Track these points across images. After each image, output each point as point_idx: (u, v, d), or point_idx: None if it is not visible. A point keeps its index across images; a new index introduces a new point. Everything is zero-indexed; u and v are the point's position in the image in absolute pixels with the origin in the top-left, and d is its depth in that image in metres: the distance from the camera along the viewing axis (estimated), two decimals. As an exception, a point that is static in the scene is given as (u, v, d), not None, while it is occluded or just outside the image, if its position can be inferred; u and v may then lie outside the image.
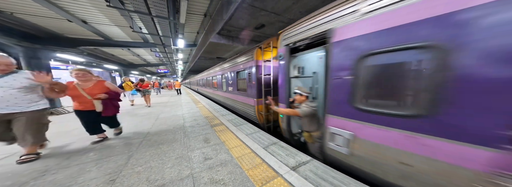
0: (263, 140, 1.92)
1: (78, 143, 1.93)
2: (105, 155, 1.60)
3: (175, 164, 1.40)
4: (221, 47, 6.66)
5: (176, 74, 24.26)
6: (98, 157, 1.57)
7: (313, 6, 3.13)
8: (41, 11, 3.13)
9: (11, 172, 1.32)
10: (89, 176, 1.25)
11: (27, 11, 3.14)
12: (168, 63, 12.05)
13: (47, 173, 1.30)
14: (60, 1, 2.80)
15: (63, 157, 1.59)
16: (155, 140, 2.00)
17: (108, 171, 1.31)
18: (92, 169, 1.35)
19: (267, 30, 4.58)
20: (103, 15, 3.47)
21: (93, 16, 3.53)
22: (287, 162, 1.39)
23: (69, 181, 1.18)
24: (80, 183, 1.16)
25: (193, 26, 4.94)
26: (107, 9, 3.10)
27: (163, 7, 2.64)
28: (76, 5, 2.94)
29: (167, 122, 2.99)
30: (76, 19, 3.52)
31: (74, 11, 3.26)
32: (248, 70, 3.06)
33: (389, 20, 0.93)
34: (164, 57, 9.24)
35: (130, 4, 2.70)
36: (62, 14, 3.11)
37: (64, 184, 1.15)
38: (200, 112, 3.92)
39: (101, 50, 7.60)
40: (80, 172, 1.30)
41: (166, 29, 3.82)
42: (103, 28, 4.36)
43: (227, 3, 3.20)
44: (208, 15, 4.04)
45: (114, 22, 3.92)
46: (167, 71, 17.25)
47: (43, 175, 1.27)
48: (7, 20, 3.35)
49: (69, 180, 1.19)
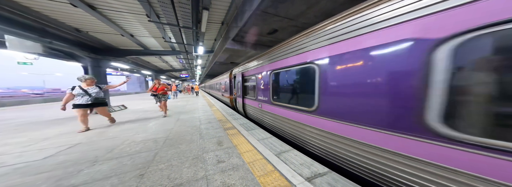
0: (275, 146, 1.88)
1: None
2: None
3: (192, 165, 1.49)
4: (235, 53, 6.98)
5: (195, 78, 26.31)
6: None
7: (329, 9, 3.04)
8: (105, 29, 4.08)
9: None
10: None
11: (96, 30, 4.13)
12: (189, 68, 13.22)
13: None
14: (117, 20, 3.62)
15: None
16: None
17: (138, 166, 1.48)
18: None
19: (279, 35, 4.62)
20: (144, 28, 4.23)
21: (138, 30, 4.36)
22: (301, 172, 1.31)
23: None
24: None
25: (211, 34, 5.38)
26: (148, 23, 3.80)
27: (188, 18, 3.01)
28: (127, 22, 3.74)
29: (184, 133, 2.94)
30: (126, 34, 4.41)
31: (126, 27, 4.12)
32: (225, 81, 7.11)
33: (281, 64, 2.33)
34: (186, 63, 10.22)
35: (164, 18, 3.26)
36: (118, 30, 3.97)
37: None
38: (214, 115, 4.11)
39: (140, 59, 9.10)
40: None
41: (189, 37, 4.28)
42: (143, 40, 5.28)
43: (241, 12, 3.40)
44: (225, 23, 4.35)
45: (151, 33, 4.69)
46: (187, 75, 18.91)
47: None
48: (84, 37, 4.49)
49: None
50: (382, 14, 1.07)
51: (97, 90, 2.90)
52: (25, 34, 3.31)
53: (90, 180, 1.27)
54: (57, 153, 1.83)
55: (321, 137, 1.61)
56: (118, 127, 3.01)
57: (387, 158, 1.09)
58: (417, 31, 0.91)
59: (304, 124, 1.84)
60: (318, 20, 3.49)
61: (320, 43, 1.55)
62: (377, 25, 1.10)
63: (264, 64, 2.82)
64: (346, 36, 1.32)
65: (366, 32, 1.17)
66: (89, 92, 2.78)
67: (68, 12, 3.11)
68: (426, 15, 0.87)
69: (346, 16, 1.33)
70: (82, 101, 2.72)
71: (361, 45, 1.21)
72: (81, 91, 2.71)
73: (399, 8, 0.98)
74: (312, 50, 1.66)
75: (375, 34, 1.11)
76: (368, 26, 1.15)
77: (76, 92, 2.69)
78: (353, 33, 1.26)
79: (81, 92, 2.71)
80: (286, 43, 2.12)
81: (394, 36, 1.01)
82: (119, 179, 1.28)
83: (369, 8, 1.15)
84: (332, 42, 1.45)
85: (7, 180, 1.29)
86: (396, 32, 1.00)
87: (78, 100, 2.72)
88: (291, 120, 2.10)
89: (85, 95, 2.74)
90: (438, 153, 0.86)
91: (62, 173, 1.38)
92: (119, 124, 3.31)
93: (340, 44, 1.37)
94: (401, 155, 1.01)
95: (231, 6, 3.43)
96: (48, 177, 1.32)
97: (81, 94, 2.72)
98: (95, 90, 2.86)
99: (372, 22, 1.13)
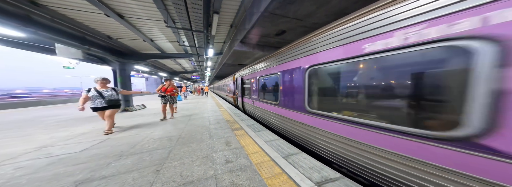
0: (283, 149, 1.87)
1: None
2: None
3: (202, 163, 1.57)
4: (243, 55, 7.08)
5: (205, 79, 27.35)
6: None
7: (341, 9, 2.92)
8: (131, 35, 4.66)
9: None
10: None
11: (124, 36, 4.74)
12: (200, 70, 13.83)
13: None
14: (140, 27, 4.12)
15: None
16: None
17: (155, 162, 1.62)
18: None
19: (287, 36, 4.56)
20: (162, 33, 4.67)
21: (156, 35, 4.84)
22: (310, 176, 1.29)
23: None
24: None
25: (220, 36, 5.56)
26: (165, 29, 4.24)
27: (200, 22, 3.20)
28: (148, 28, 4.23)
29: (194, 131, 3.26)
30: (147, 39, 4.92)
31: (147, 33, 4.63)
32: (229, 83, 8.56)
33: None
34: (197, 65, 10.72)
35: (179, 23, 3.55)
36: (141, 35, 4.52)
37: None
38: (222, 116, 4.23)
39: (158, 62, 9.93)
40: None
41: (201, 41, 4.50)
42: (161, 44, 5.83)
43: (249, 14, 3.45)
44: (234, 25, 4.46)
45: (167, 38, 5.13)
46: (198, 77, 19.77)
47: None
48: (114, 43, 5.16)
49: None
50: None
51: (111, 92, 2.84)
52: (70, 42, 3.87)
53: (116, 172, 1.42)
54: (90, 147, 2.08)
55: (280, 119, 2.68)
56: (138, 125, 3.30)
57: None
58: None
59: (271, 111, 3.07)
60: (329, 20, 3.37)
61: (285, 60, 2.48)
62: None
63: (255, 71, 3.90)
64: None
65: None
66: (103, 95, 2.73)
67: (102, 22, 3.59)
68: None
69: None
70: (97, 103, 2.71)
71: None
72: (96, 93, 2.69)
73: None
74: (278, 65, 2.71)
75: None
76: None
77: (91, 94, 2.67)
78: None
79: (96, 94, 2.69)
80: (268, 57, 3.11)
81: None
82: (139, 173, 1.41)
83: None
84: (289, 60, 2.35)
85: (54, 168, 1.52)
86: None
87: (94, 103, 2.71)
88: (266, 110, 3.29)
89: (99, 97, 2.71)
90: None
91: (94, 165, 1.57)
92: (140, 122, 3.61)
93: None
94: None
95: (239, 9, 3.52)
96: (84, 168, 1.51)
97: (96, 96, 2.70)
98: (109, 93, 2.80)
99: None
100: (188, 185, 1.22)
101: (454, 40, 0.79)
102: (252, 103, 4.29)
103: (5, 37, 3.74)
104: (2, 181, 1.31)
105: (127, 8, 2.99)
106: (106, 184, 1.24)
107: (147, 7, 3.02)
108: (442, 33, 0.83)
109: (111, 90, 2.89)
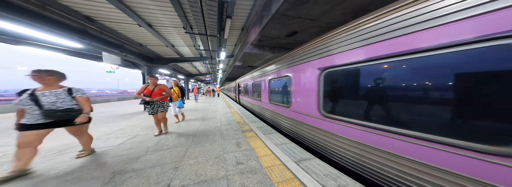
0: (294, 153, 1.81)
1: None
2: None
3: (214, 163, 1.62)
4: (253, 57, 7.17)
5: (216, 81, 28.53)
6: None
7: (359, 6, 2.74)
8: (157, 42, 5.35)
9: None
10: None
11: (151, 43, 5.47)
12: (212, 72, 14.50)
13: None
14: (164, 34, 4.68)
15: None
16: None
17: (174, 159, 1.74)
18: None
19: (299, 37, 4.46)
20: (181, 39, 5.21)
21: (177, 40, 5.40)
22: (325, 184, 1.22)
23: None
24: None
25: (232, 39, 5.75)
26: (184, 35, 4.75)
27: (214, 27, 3.40)
28: (170, 34, 4.77)
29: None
30: (169, 44, 5.52)
31: (169, 39, 5.22)
32: (233, 86, 12.93)
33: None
34: (210, 67, 11.29)
35: (195, 28, 3.91)
36: (164, 42, 5.11)
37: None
38: (232, 117, 4.32)
39: (177, 65, 11.03)
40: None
41: (214, 44, 4.75)
42: (180, 49, 6.47)
43: (260, 17, 3.49)
44: (245, 28, 4.56)
45: (186, 43, 5.68)
46: (211, 79, 20.79)
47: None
48: (144, 50, 5.98)
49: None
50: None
51: (59, 97, 1.54)
52: (113, 50, 4.60)
53: (143, 167, 1.57)
54: (125, 141, 2.35)
55: (269, 112, 3.53)
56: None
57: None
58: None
59: (260, 106, 4.32)
60: (347, 18, 3.18)
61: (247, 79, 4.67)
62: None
63: (247, 79, 5.85)
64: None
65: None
66: (40, 102, 1.44)
67: (135, 31, 4.23)
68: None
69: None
70: (31, 118, 1.43)
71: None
72: (28, 99, 1.44)
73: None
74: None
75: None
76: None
77: (19, 102, 1.44)
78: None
79: (28, 100, 1.44)
80: (261, 68, 4.18)
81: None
82: (161, 169, 1.53)
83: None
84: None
85: (99, 159, 1.76)
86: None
87: (26, 117, 1.45)
88: (256, 104, 4.78)
89: (33, 105, 1.42)
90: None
91: (127, 158, 1.77)
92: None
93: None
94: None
95: (251, 12, 3.59)
96: (120, 160, 1.72)
97: (28, 103, 1.40)
98: (51, 99, 1.50)
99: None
100: (202, 184, 1.27)
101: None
102: (247, 99, 6.73)
103: (67, 47, 4.74)
104: (65, 166, 1.59)
105: (154, 17, 3.41)
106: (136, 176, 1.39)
107: (169, 16, 3.38)
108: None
109: (62, 93, 1.56)
